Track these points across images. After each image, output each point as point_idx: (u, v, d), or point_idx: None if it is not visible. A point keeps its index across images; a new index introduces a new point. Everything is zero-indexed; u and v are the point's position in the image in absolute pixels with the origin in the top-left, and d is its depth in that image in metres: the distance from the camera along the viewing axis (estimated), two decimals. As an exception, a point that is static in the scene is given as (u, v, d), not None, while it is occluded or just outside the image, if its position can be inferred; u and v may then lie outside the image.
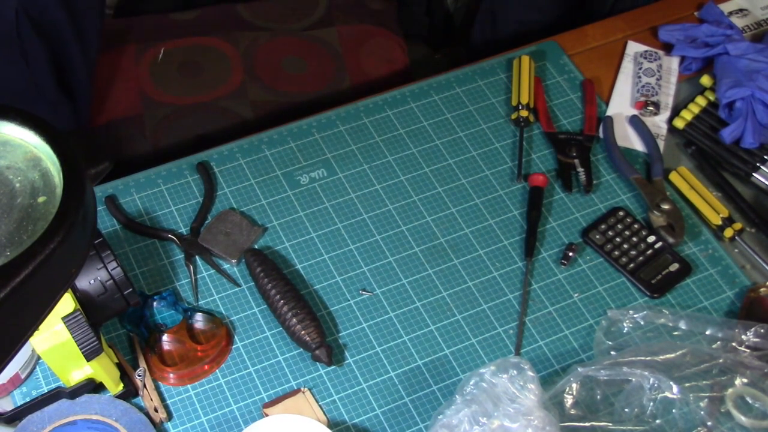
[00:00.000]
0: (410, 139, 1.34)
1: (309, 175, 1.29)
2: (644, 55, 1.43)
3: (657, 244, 1.23)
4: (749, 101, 1.31)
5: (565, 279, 1.21)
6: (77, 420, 1.04)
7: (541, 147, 1.34)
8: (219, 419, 1.08)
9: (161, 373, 1.10)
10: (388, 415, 1.09)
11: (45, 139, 0.77)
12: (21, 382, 1.09)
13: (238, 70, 1.59)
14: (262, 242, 1.22)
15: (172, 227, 1.23)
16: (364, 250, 1.22)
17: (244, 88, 1.57)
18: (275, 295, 1.14)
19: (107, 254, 0.95)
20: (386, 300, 1.18)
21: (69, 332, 0.92)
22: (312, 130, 1.34)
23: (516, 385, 1.00)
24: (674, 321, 1.15)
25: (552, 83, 1.41)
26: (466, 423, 0.99)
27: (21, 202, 0.75)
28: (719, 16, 1.45)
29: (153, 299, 1.15)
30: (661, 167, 1.30)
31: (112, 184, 1.26)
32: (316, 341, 1.11)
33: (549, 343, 1.16)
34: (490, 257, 1.23)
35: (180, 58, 1.60)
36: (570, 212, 1.28)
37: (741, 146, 1.31)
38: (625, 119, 1.37)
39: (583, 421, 1.06)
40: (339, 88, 1.61)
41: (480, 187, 1.29)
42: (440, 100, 1.38)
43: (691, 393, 1.06)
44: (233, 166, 1.29)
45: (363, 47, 1.67)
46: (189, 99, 1.56)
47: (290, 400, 1.09)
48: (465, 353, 1.14)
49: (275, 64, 1.62)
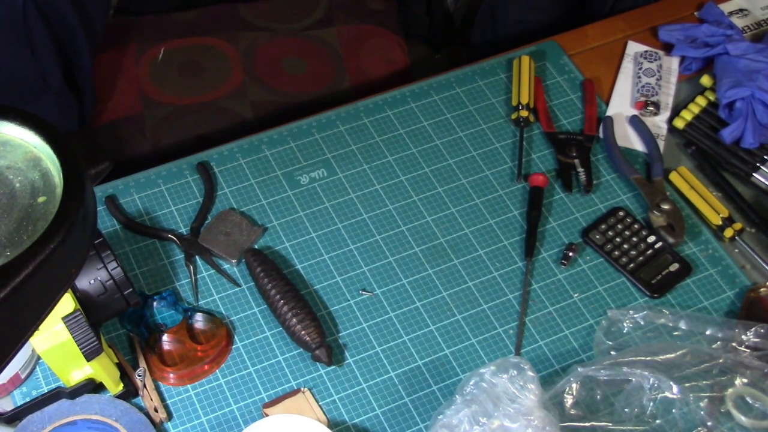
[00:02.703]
0: (410, 139, 1.34)
1: (309, 175, 1.29)
2: (644, 55, 1.43)
3: (657, 244, 1.23)
4: (749, 101, 1.31)
5: (565, 279, 1.21)
6: (77, 420, 1.04)
7: (541, 147, 1.34)
8: (219, 419, 1.08)
9: (161, 373, 1.10)
10: (388, 415, 1.09)
11: (45, 139, 0.77)
12: (21, 382, 1.09)
13: (238, 70, 1.59)
14: (262, 242, 1.22)
15: (172, 227, 1.23)
16: (364, 250, 1.22)
17: (244, 88, 1.57)
18: (275, 295, 1.14)
19: (107, 254, 0.95)
20: (386, 300, 1.18)
21: (69, 332, 0.92)
22: (312, 130, 1.34)
23: (516, 385, 1.00)
24: (674, 321, 1.15)
25: (552, 83, 1.41)
26: (466, 423, 0.99)
27: (21, 202, 0.75)
28: (719, 16, 1.45)
29: (153, 299, 1.15)
30: (661, 167, 1.30)
31: (112, 184, 1.26)
32: (316, 341, 1.11)
33: (549, 343, 1.16)
34: (490, 257, 1.23)
35: (180, 58, 1.60)
36: (570, 212, 1.28)
37: (741, 146, 1.31)
38: (625, 119, 1.37)
39: (583, 421, 1.06)
40: (339, 88, 1.61)
41: (480, 187, 1.29)
42: (440, 100, 1.38)
43: (691, 393, 1.05)
44: (233, 166, 1.29)
45: (363, 47, 1.67)
46: (189, 99, 1.56)
47: (290, 400, 1.09)
48: (465, 353, 1.14)
49: (275, 64, 1.62)
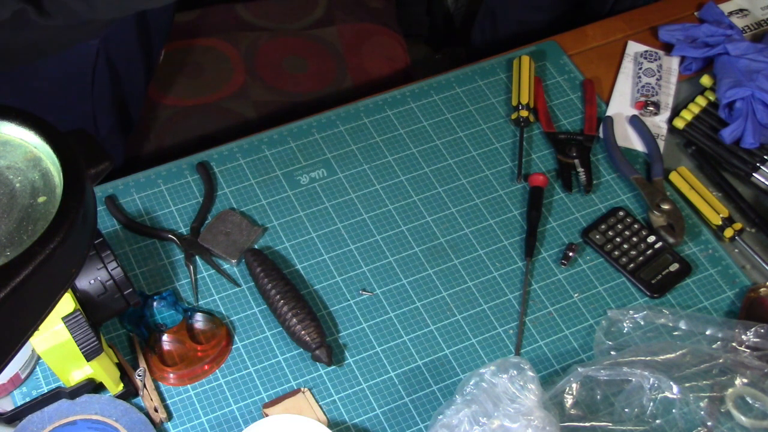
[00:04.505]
0: (410, 139, 1.34)
1: (309, 175, 1.29)
2: (644, 55, 1.43)
3: (657, 244, 1.23)
4: (749, 101, 1.31)
5: (565, 279, 1.21)
6: (77, 420, 1.04)
7: (541, 147, 1.34)
8: (219, 419, 1.08)
9: (161, 373, 1.10)
10: (388, 415, 1.09)
11: (45, 139, 0.77)
12: (21, 382, 1.09)
13: (239, 70, 1.59)
14: (262, 242, 1.22)
15: (172, 227, 1.23)
16: (364, 250, 1.22)
17: (245, 88, 1.57)
18: (275, 295, 1.14)
19: (107, 254, 0.94)
20: (386, 300, 1.18)
21: (69, 332, 0.92)
22: (312, 130, 1.34)
23: (516, 385, 1.00)
24: (674, 321, 1.15)
25: (552, 83, 1.41)
26: (466, 423, 0.99)
27: (21, 202, 0.75)
28: (719, 16, 1.45)
29: (153, 299, 1.15)
30: (661, 167, 1.30)
31: (112, 184, 1.26)
32: (316, 341, 1.11)
33: (549, 343, 1.16)
34: (490, 257, 1.23)
35: (181, 60, 1.60)
36: (570, 212, 1.28)
37: (741, 146, 1.31)
38: (625, 119, 1.37)
39: (583, 421, 1.06)
40: (341, 87, 1.61)
41: (480, 187, 1.29)
42: (440, 100, 1.38)
43: (691, 393, 1.05)
44: (233, 166, 1.29)
45: (364, 46, 1.67)
46: (191, 100, 1.56)
47: (290, 400, 1.09)
48: (465, 353, 1.14)
49: (276, 63, 1.62)
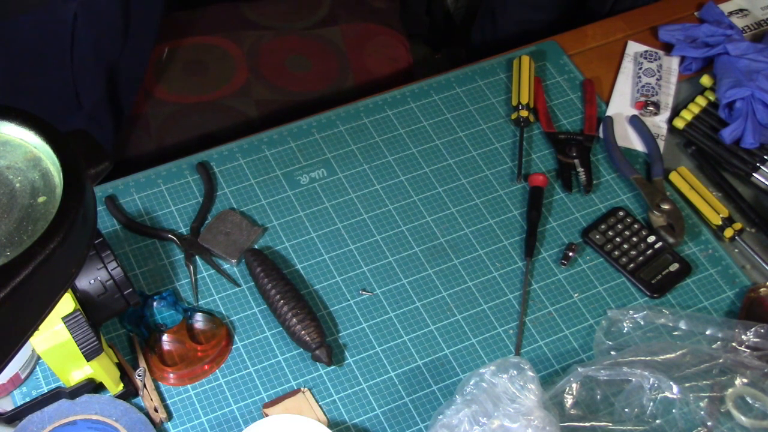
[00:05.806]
0: (410, 139, 1.34)
1: (309, 175, 1.29)
2: (644, 55, 1.43)
3: (657, 244, 1.23)
4: (749, 101, 1.31)
5: (565, 279, 1.21)
6: (77, 420, 1.04)
7: (541, 147, 1.34)
8: (219, 419, 1.08)
9: (161, 373, 1.10)
10: (388, 415, 1.09)
11: (45, 139, 0.77)
12: (21, 382, 1.09)
13: (242, 69, 1.59)
14: (262, 242, 1.22)
15: (172, 227, 1.23)
16: (364, 250, 1.22)
17: (248, 87, 1.57)
18: (275, 295, 1.14)
19: (107, 254, 0.95)
20: (386, 300, 1.18)
21: (69, 332, 0.92)
22: (312, 130, 1.34)
23: (516, 385, 1.00)
24: (674, 321, 1.15)
25: (552, 83, 1.41)
26: (466, 423, 0.99)
27: (21, 202, 0.75)
28: (719, 16, 1.45)
29: (153, 299, 1.15)
30: (661, 167, 1.30)
31: (112, 184, 1.26)
32: (316, 341, 1.11)
33: (549, 343, 1.16)
34: (490, 257, 1.23)
35: (184, 58, 1.60)
36: (570, 212, 1.28)
37: (741, 146, 1.31)
38: (625, 119, 1.37)
39: (583, 421, 1.06)
40: (343, 87, 1.61)
41: (480, 187, 1.29)
42: (440, 100, 1.38)
43: (691, 393, 1.05)
44: (233, 166, 1.29)
45: (367, 46, 1.67)
46: (193, 98, 1.56)
47: (290, 400, 1.09)
48: (465, 353, 1.14)
49: (279, 63, 1.62)
